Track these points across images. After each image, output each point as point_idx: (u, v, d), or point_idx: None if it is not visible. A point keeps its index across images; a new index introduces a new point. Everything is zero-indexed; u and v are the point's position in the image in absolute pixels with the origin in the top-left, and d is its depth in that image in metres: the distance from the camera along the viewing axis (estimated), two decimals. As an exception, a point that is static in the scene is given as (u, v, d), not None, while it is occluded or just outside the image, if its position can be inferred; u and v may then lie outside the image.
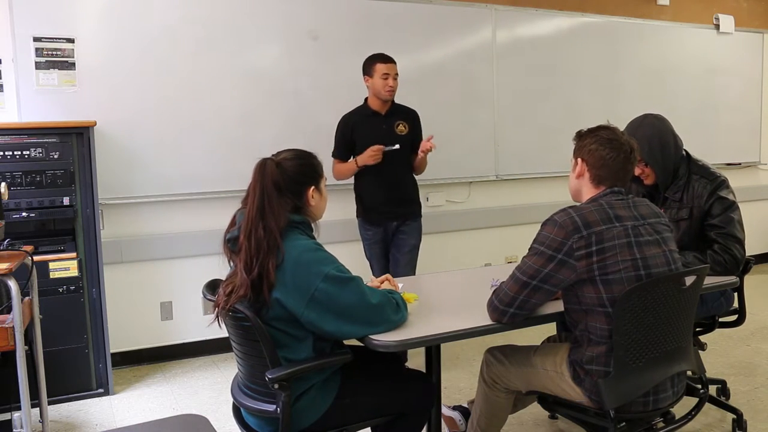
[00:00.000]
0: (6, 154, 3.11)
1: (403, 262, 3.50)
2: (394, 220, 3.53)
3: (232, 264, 1.88)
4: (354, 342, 1.92)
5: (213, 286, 2.03)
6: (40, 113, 3.42)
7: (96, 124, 3.29)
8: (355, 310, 1.78)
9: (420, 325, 1.93)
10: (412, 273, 3.52)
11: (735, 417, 2.78)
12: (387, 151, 3.37)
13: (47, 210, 3.19)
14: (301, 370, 1.78)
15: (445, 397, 3.00)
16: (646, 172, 2.58)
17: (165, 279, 3.85)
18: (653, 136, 2.53)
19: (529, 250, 1.91)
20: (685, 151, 2.64)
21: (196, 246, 3.82)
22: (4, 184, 2.43)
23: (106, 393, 3.35)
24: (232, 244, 1.85)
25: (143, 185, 3.68)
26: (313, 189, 1.90)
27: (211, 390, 3.42)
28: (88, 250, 3.29)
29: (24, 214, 3.14)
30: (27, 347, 2.41)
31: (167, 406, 3.22)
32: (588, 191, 2.00)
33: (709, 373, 2.67)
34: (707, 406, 2.58)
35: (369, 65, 3.45)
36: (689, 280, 1.92)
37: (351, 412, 1.92)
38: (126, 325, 3.73)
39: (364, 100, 3.53)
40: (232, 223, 1.89)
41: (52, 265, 3.19)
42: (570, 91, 4.92)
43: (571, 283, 1.86)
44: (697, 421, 2.78)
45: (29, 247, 2.49)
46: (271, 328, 1.78)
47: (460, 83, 4.53)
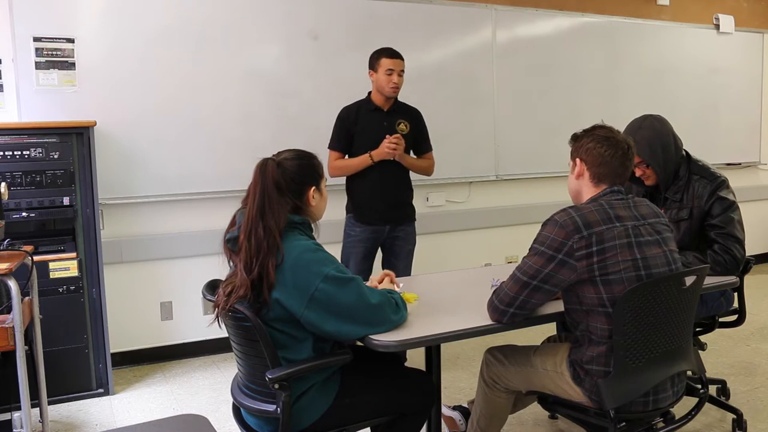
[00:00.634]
0: (6, 154, 3.11)
1: (400, 267, 3.41)
2: (387, 223, 3.38)
3: (231, 264, 1.88)
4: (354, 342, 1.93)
5: (213, 286, 2.03)
6: (40, 113, 3.42)
7: (96, 124, 3.29)
8: (354, 310, 1.78)
9: (420, 325, 1.94)
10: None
11: (735, 417, 2.78)
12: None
13: (47, 210, 3.19)
14: (302, 370, 1.78)
15: (445, 397, 3.00)
16: (647, 173, 2.59)
17: (165, 279, 3.85)
18: (654, 138, 2.53)
19: (529, 250, 1.92)
20: (685, 151, 2.65)
21: (196, 246, 3.82)
22: (4, 184, 2.43)
23: (106, 393, 3.35)
24: (231, 244, 1.85)
25: (143, 185, 3.68)
26: (313, 189, 1.90)
27: (211, 390, 3.42)
28: (88, 250, 3.29)
29: (24, 214, 3.14)
30: (27, 347, 2.41)
31: (167, 406, 3.22)
32: (588, 191, 2.00)
33: (709, 373, 2.68)
34: (707, 406, 2.58)
35: (375, 59, 3.32)
36: (689, 280, 1.92)
37: (351, 412, 1.92)
38: (126, 325, 3.73)
39: (368, 93, 3.41)
40: (232, 223, 1.89)
41: (52, 265, 3.19)
42: (570, 91, 4.92)
43: (572, 283, 1.86)
44: (697, 421, 2.78)
45: (29, 247, 2.49)
46: (271, 329, 1.78)
47: (460, 83, 4.53)
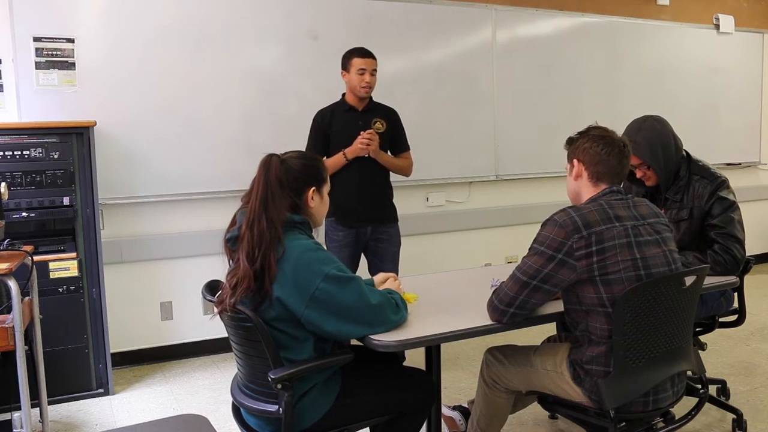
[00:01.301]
0: (6, 154, 3.11)
1: (387, 269, 3.35)
2: (368, 224, 3.31)
3: (232, 263, 1.88)
4: (354, 342, 1.92)
5: (213, 287, 2.03)
6: (40, 113, 3.42)
7: (96, 124, 3.29)
8: (355, 310, 1.78)
9: (420, 325, 1.93)
10: None
11: (735, 417, 2.78)
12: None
13: (47, 210, 3.19)
14: (303, 370, 1.79)
15: (445, 397, 3.00)
16: (648, 174, 2.59)
17: (165, 279, 3.85)
18: (654, 139, 2.53)
19: (529, 250, 1.92)
20: (686, 151, 2.65)
21: (196, 246, 3.82)
22: (4, 184, 2.43)
23: (106, 393, 3.35)
24: (232, 244, 1.85)
25: (143, 185, 3.68)
26: (313, 190, 1.91)
27: (211, 390, 3.42)
28: (88, 250, 3.29)
29: (24, 214, 3.14)
30: (27, 347, 2.41)
31: (167, 406, 3.22)
32: (587, 191, 2.00)
33: (709, 373, 2.68)
34: (707, 406, 2.58)
35: (347, 59, 3.24)
36: (689, 280, 1.92)
37: (352, 412, 1.92)
38: (126, 325, 3.73)
39: (342, 95, 3.34)
40: (233, 222, 1.89)
41: (52, 265, 3.19)
42: (570, 91, 4.92)
43: (571, 283, 1.86)
44: (697, 421, 2.78)
45: (29, 247, 2.49)
46: (272, 329, 1.78)
47: (460, 83, 4.53)
